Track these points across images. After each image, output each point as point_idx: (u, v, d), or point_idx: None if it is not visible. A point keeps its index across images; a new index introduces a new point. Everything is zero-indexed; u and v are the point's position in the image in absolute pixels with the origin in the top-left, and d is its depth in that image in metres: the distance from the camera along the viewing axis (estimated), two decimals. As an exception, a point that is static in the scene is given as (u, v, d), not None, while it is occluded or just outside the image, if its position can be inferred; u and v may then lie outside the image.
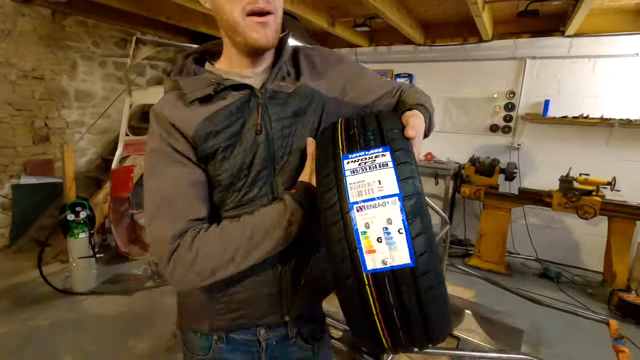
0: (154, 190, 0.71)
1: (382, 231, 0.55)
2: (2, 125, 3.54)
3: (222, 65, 0.79)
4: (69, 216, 2.86)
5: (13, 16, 3.48)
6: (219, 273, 0.70)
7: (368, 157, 0.60)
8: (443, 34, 4.33)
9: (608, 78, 3.60)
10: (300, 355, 0.88)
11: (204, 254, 0.68)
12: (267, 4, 0.67)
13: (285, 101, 0.75)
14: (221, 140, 0.71)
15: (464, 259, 3.98)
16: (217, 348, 0.83)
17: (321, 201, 0.60)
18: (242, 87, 0.74)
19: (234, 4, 0.67)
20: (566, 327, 2.75)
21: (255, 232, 0.69)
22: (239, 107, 0.73)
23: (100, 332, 2.50)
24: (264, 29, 0.68)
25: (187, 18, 4.16)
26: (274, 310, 0.81)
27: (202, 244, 0.68)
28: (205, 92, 0.71)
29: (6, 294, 2.91)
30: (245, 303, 0.79)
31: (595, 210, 3.17)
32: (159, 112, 0.72)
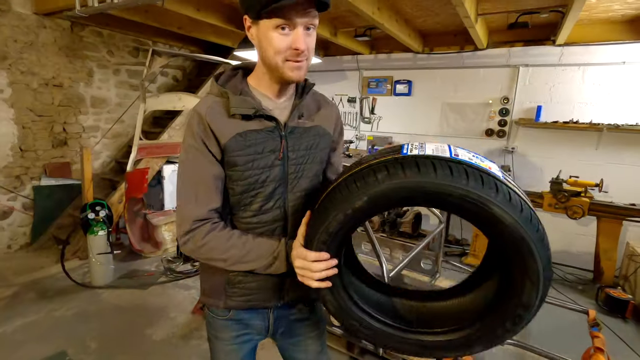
0: (187, 175, 0.92)
1: None
2: (25, 131, 3.78)
3: (253, 82, 0.96)
4: (89, 215, 3.08)
5: (36, 29, 3.73)
6: (211, 262, 0.93)
7: None
8: (441, 42, 4.53)
9: (597, 85, 3.78)
10: (298, 315, 1.11)
11: (209, 246, 0.90)
12: (303, 57, 0.85)
13: (301, 135, 0.97)
14: (245, 154, 0.91)
15: (461, 258, 4.16)
16: (235, 311, 1.04)
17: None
18: (272, 117, 0.93)
19: (278, 54, 0.84)
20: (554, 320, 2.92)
21: (249, 251, 0.91)
22: (266, 134, 0.93)
23: (120, 321, 2.71)
24: (298, 70, 0.87)
25: (197, 28, 4.39)
26: (276, 296, 1.03)
27: (212, 238, 0.90)
28: (247, 112, 0.90)
29: (31, 287, 3.13)
30: (255, 290, 1.00)
31: (583, 211, 3.35)
32: (203, 116, 0.88)
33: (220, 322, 1.05)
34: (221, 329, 1.06)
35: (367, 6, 3.01)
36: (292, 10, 0.79)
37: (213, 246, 0.90)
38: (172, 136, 4.47)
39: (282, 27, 0.82)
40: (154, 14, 3.87)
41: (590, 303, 3.26)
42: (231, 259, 0.91)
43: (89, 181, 3.54)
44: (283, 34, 0.82)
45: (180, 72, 5.39)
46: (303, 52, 0.84)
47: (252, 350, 1.12)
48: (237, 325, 1.05)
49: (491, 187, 0.70)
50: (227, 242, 0.91)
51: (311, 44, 0.86)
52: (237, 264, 0.92)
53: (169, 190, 4.70)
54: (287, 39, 0.83)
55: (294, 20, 0.81)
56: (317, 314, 1.15)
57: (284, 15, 0.80)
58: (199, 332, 2.59)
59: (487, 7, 3.34)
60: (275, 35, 0.82)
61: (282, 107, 0.97)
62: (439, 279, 2.99)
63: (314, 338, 1.14)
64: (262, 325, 1.07)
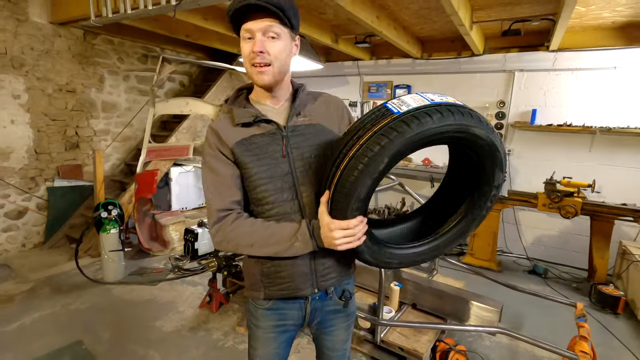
0: (209, 178, 1.08)
1: None
2: (40, 134, 3.96)
3: (252, 96, 1.14)
4: (102, 214, 3.24)
5: (51, 37, 3.92)
6: (239, 249, 1.05)
7: None
8: (438, 48, 4.68)
9: (589, 89, 3.91)
10: (333, 307, 1.21)
11: (236, 233, 1.02)
12: (262, 60, 0.99)
13: (303, 132, 1.09)
14: (251, 154, 1.05)
15: (459, 257, 4.27)
16: (275, 300, 1.15)
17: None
18: (271, 121, 1.07)
19: (245, 59, 1.02)
20: (545, 315, 3.04)
21: (273, 234, 1.01)
22: (269, 137, 1.07)
23: (131, 314, 2.85)
24: (261, 75, 1.01)
25: (203, 36, 4.57)
26: (307, 286, 1.12)
27: (237, 225, 1.03)
28: (247, 120, 1.06)
29: (46, 283, 3.28)
30: (287, 279, 1.11)
31: (576, 210, 3.46)
32: (215, 129, 1.07)
33: (261, 311, 1.16)
34: (261, 317, 1.16)
35: (367, 15, 3.17)
36: (249, 22, 0.98)
37: (239, 232, 1.02)
38: (180, 139, 4.64)
39: (247, 38, 1.00)
40: (164, 22, 4.05)
41: (584, 300, 3.36)
42: (256, 243, 1.02)
43: (101, 182, 3.70)
44: (247, 42, 1.00)
45: (186, 78, 5.57)
46: (261, 54, 0.98)
47: (287, 341, 1.22)
48: (276, 315, 1.16)
49: (466, 115, 0.90)
50: (252, 227, 1.03)
51: (273, 49, 0.99)
52: (263, 248, 1.02)
53: (176, 191, 4.86)
54: (249, 45, 1.00)
55: (251, 30, 0.98)
56: (349, 307, 1.25)
57: (244, 27, 0.99)
58: (206, 324, 2.73)
59: (481, 16, 3.49)
60: (243, 45, 1.02)
61: (280, 112, 1.12)
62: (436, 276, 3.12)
63: (343, 329, 1.26)
64: (299, 314, 1.17)
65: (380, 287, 2.18)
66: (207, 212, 1.08)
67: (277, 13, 0.96)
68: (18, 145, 3.80)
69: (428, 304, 2.57)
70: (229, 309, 2.93)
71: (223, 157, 1.06)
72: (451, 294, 2.50)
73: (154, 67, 4.96)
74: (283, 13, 0.97)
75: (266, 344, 1.18)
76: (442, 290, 2.55)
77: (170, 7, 2.74)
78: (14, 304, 2.93)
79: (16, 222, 3.89)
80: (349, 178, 0.91)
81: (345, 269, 1.20)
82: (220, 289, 3.01)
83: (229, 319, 2.79)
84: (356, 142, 0.91)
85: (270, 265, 1.11)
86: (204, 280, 3.44)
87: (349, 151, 0.92)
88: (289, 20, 0.99)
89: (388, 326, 2.29)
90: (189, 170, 5.01)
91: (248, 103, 1.12)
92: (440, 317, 2.51)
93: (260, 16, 0.97)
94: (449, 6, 2.71)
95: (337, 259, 1.15)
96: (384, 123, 0.89)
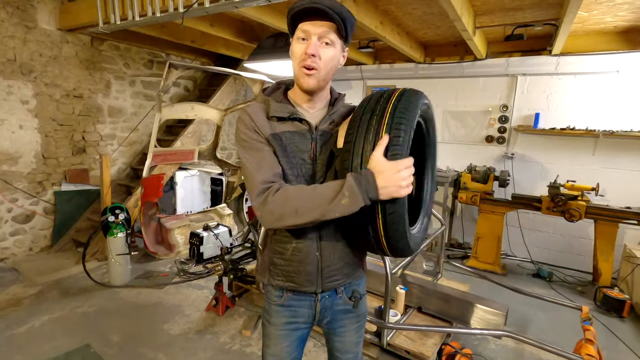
0: (248, 155, 1.05)
1: None
2: (47, 139, 4.01)
3: (291, 94, 1.14)
4: (109, 218, 3.27)
5: (59, 43, 3.98)
6: (284, 220, 0.97)
7: None
8: (441, 53, 4.72)
9: (592, 93, 3.93)
10: (343, 307, 1.22)
11: (280, 201, 0.96)
12: (312, 63, 1.00)
13: (328, 139, 1.10)
14: (281, 149, 1.06)
15: (463, 261, 4.28)
16: (286, 296, 1.18)
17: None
18: (304, 121, 1.09)
19: (295, 59, 1.03)
20: (550, 318, 3.04)
21: (317, 194, 0.95)
22: (300, 136, 1.09)
23: (138, 317, 2.87)
24: (308, 78, 1.03)
25: (209, 42, 4.63)
26: (311, 284, 1.14)
27: (282, 193, 0.97)
28: (282, 115, 1.07)
29: (54, 287, 3.31)
30: (293, 274, 1.15)
31: (580, 214, 3.48)
32: (250, 113, 1.07)
33: (274, 308, 1.20)
34: (274, 314, 1.20)
35: (371, 20, 3.21)
36: (307, 23, 1.00)
37: (283, 200, 0.96)
38: (185, 143, 4.68)
39: (301, 39, 1.01)
40: (170, 29, 4.11)
41: (589, 303, 3.36)
42: (300, 207, 0.94)
43: (108, 186, 3.74)
44: (301, 43, 1.02)
45: (191, 83, 5.63)
46: (313, 57, 0.99)
47: (299, 340, 1.24)
48: (288, 312, 1.19)
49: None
50: (295, 191, 0.98)
51: (325, 55, 1.01)
52: (307, 212, 0.94)
53: (181, 195, 4.90)
54: (302, 46, 1.01)
55: (307, 32, 1.00)
56: (360, 308, 1.25)
57: (301, 28, 1.01)
58: (213, 328, 2.75)
59: (483, 21, 3.53)
60: (295, 44, 1.03)
61: (315, 116, 1.13)
62: (441, 279, 3.13)
63: (354, 330, 1.27)
64: (310, 312, 1.19)
65: (387, 290, 2.19)
66: (249, 188, 1.03)
67: (339, 22, 0.98)
68: (26, 150, 3.85)
69: (434, 307, 2.58)
70: (235, 313, 2.95)
71: (259, 136, 1.06)
72: (457, 297, 2.51)
73: (159, 72, 5.01)
74: (343, 23, 0.99)
75: (278, 341, 1.21)
76: (448, 293, 2.56)
77: (179, 15, 2.78)
78: (23, 307, 2.96)
79: (24, 226, 3.93)
80: (403, 114, 0.97)
81: (352, 271, 1.21)
82: (226, 293, 3.03)
83: (235, 323, 2.81)
84: (380, 108, 1.01)
85: (279, 257, 1.15)
86: (209, 284, 3.46)
87: (387, 103, 1.00)
88: (346, 30, 1.01)
89: (394, 329, 2.30)
90: (194, 175, 5.05)
91: (285, 99, 1.13)
92: (445, 320, 2.52)
93: (320, 20, 0.99)
94: (452, 12, 2.74)
95: (345, 261, 1.17)
96: (397, 94, 1.03)
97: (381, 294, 2.72)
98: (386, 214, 0.96)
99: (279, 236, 1.15)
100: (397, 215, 0.96)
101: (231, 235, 4.18)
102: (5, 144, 3.69)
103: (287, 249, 1.14)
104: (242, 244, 3.37)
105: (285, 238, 1.14)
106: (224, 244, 3.83)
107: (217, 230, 4.03)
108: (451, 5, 2.60)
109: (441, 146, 4.85)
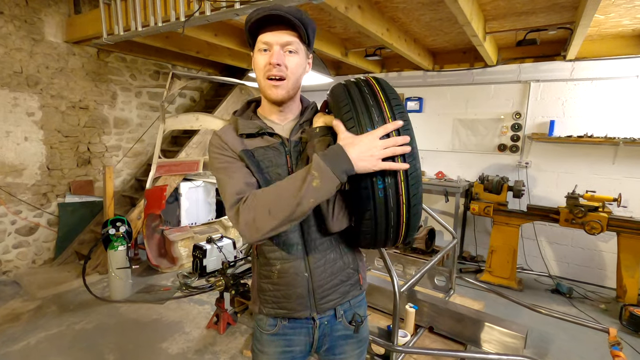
0: (220, 172, 0.99)
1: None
2: (52, 151, 3.99)
3: (260, 110, 1.09)
4: (110, 231, 3.20)
5: (65, 56, 3.99)
6: (259, 225, 0.86)
7: None
8: (450, 60, 4.61)
9: (611, 99, 3.75)
10: (343, 332, 1.12)
11: (252, 205, 0.88)
12: (279, 72, 0.94)
13: (304, 148, 1.03)
14: (255, 166, 0.99)
15: (476, 275, 4.08)
16: (281, 325, 1.08)
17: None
18: (275, 134, 1.03)
19: (259, 71, 0.97)
20: (573, 339, 2.83)
21: (284, 187, 0.87)
22: (273, 150, 1.02)
23: (137, 335, 2.77)
24: (276, 89, 0.96)
25: (214, 52, 4.61)
26: (304, 308, 1.04)
27: (252, 199, 0.89)
28: (251, 131, 1.01)
29: (54, 301, 3.24)
30: (283, 299, 1.05)
31: (602, 226, 3.28)
32: (220, 135, 1.03)
33: (266, 337, 1.09)
34: (267, 343, 1.09)
35: (377, 28, 3.12)
36: (268, 34, 0.94)
37: (254, 205, 0.88)
38: (190, 154, 4.63)
39: (263, 50, 0.96)
40: (174, 39, 4.09)
41: (614, 323, 3.14)
42: (272, 206, 0.85)
43: (111, 198, 3.69)
44: (263, 54, 0.96)
45: (197, 93, 5.62)
46: (279, 67, 0.94)
47: None
48: (282, 341, 1.08)
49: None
50: (263, 193, 0.90)
51: (290, 63, 0.96)
52: (280, 210, 0.84)
53: (185, 206, 4.83)
54: (265, 57, 0.96)
55: (268, 42, 0.94)
56: (361, 333, 1.16)
57: (261, 39, 0.95)
58: (213, 347, 2.62)
59: (494, 26, 3.41)
60: (257, 56, 0.97)
61: (286, 128, 1.06)
62: (453, 296, 2.96)
63: (355, 356, 1.16)
64: (307, 340, 1.10)
65: (395, 310, 2.05)
66: (225, 206, 0.96)
67: (300, 28, 0.94)
68: (31, 162, 3.84)
69: (446, 328, 2.41)
70: (236, 330, 2.82)
71: (232, 153, 1.00)
72: (471, 317, 2.34)
73: (165, 83, 5.00)
74: (305, 29, 0.95)
75: None
76: (461, 313, 2.39)
77: (180, 24, 2.74)
78: (21, 322, 2.89)
79: (27, 239, 3.89)
80: (395, 96, 0.94)
81: (350, 288, 1.10)
82: (227, 309, 2.91)
83: (236, 341, 2.69)
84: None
85: (267, 282, 1.05)
86: (211, 299, 3.35)
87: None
88: (308, 37, 0.97)
89: (404, 353, 2.14)
90: (199, 186, 4.98)
91: (255, 115, 1.08)
92: (459, 342, 2.35)
93: (280, 29, 0.94)
94: (461, 16, 2.64)
95: (339, 278, 1.07)
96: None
97: (388, 311, 2.57)
98: (409, 190, 0.87)
99: (262, 258, 1.06)
100: (419, 194, 0.89)
101: (235, 247, 4.08)
102: (10, 156, 3.69)
103: (272, 272, 1.04)
104: (245, 258, 3.26)
105: (269, 260, 1.04)
106: (228, 257, 3.73)
107: (220, 242, 3.93)
108: (460, 9, 2.50)
109: (451, 155, 4.70)
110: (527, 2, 2.88)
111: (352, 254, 1.11)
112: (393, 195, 0.87)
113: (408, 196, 0.88)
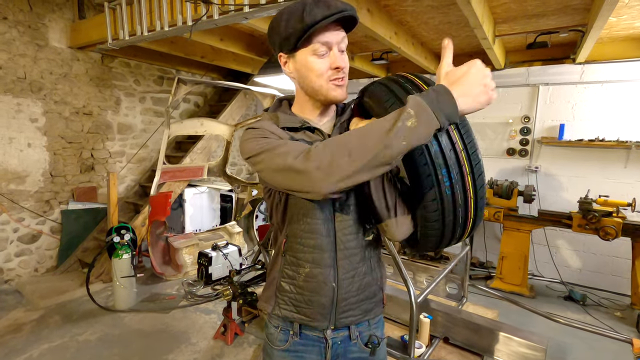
0: (275, 144, 0.84)
1: None
2: (55, 157, 3.94)
3: (295, 109, 1.03)
4: (115, 238, 3.14)
5: (69, 61, 3.96)
6: (334, 170, 0.72)
7: None
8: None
9: (622, 102, 3.70)
10: (358, 355, 1.04)
11: (328, 150, 0.74)
12: (343, 74, 0.92)
13: None
14: None
15: (486, 282, 4.00)
16: (293, 341, 1.01)
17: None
18: (317, 130, 0.97)
19: (320, 76, 0.90)
20: (591, 349, 2.75)
21: (370, 129, 0.72)
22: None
23: (142, 346, 2.69)
24: (341, 89, 0.93)
25: (219, 57, 4.57)
26: (323, 319, 0.98)
27: (325, 144, 0.76)
28: (295, 124, 0.96)
29: (56, 311, 3.17)
30: (304, 304, 0.98)
31: (616, 231, 3.20)
32: (264, 126, 0.91)
33: (277, 353, 1.03)
34: (278, 359, 1.04)
35: (385, 31, 3.08)
36: (325, 33, 0.86)
37: (328, 145, 0.76)
38: (194, 160, 4.58)
39: (320, 52, 0.88)
40: (179, 44, 4.06)
41: (631, 331, 3.06)
42: (354, 147, 0.71)
43: (115, 205, 3.63)
44: (321, 57, 0.89)
45: (201, 99, 5.58)
46: (343, 70, 0.91)
47: None
48: (294, 358, 1.02)
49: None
50: (341, 136, 0.76)
51: (347, 64, 0.93)
52: (364, 150, 0.70)
53: (189, 212, 4.77)
54: (326, 61, 0.89)
55: (329, 43, 0.88)
56: (377, 355, 1.07)
57: (319, 40, 0.87)
58: (220, 359, 2.55)
59: (503, 29, 3.37)
60: (314, 60, 0.89)
61: (326, 126, 1.02)
62: (466, 304, 2.88)
63: None
64: (319, 359, 1.03)
65: (411, 320, 1.98)
66: (281, 161, 0.80)
67: (354, 25, 0.90)
68: (34, 168, 3.78)
69: (461, 338, 2.34)
70: (244, 341, 2.75)
71: (280, 137, 0.90)
72: (488, 327, 2.26)
73: (169, 88, 4.97)
74: (355, 20, 0.89)
75: None
76: (477, 322, 2.32)
77: (187, 28, 2.70)
78: (23, 333, 2.82)
79: (29, 247, 3.83)
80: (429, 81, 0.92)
81: (373, 306, 1.04)
82: (235, 319, 2.84)
83: (245, 353, 2.61)
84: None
85: (289, 282, 0.98)
86: (218, 308, 3.28)
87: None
88: (353, 24, 0.92)
89: (420, 365, 2.07)
90: (203, 192, 4.93)
91: (292, 113, 1.03)
92: (475, 353, 2.27)
93: (337, 28, 0.89)
94: (473, 19, 2.59)
95: (365, 294, 1.00)
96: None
97: (402, 321, 2.50)
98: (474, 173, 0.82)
99: (290, 257, 0.98)
100: (485, 186, 0.86)
101: (241, 254, 4.00)
102: (13, 163, 3.63)
103: (299, 273, 0.97)
104: (253, 266, 3.19)
105: (299, 260, 0.97)
106: (234, 264, 3.66)
107: (226, 249, 3.86)
108: (473, 12, 2.45)
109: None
110: (538, 4, 2.83)
111: (380, 270, 1.05)
112: (460, 190, 0.82)
113: (475, 189, 0.83)
